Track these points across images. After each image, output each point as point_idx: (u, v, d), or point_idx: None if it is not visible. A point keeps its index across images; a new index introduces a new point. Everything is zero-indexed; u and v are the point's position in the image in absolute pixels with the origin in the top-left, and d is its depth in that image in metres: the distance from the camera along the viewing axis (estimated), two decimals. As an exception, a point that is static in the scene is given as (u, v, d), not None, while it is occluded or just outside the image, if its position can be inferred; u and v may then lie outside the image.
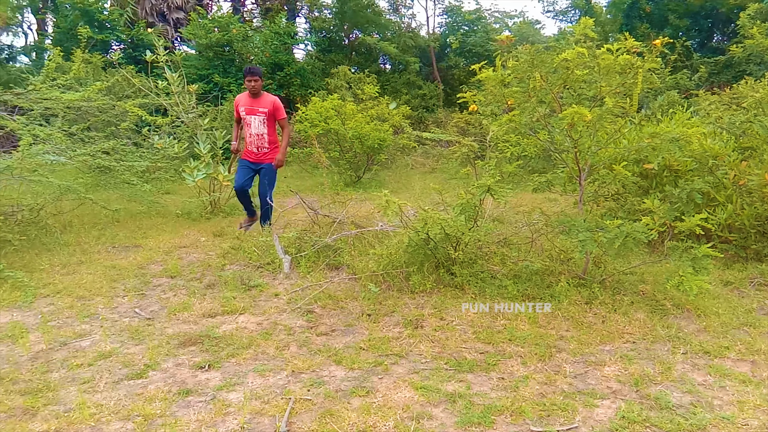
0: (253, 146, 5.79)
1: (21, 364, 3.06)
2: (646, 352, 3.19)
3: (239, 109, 5.77)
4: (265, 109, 5.70)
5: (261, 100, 5.76)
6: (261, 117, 5.71)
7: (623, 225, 3.64)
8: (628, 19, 16.11)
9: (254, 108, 5.70)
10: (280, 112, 5.80)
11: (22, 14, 18.42)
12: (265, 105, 5.73)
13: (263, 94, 5.82)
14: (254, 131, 5.72)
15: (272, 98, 5.81)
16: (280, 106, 5.81)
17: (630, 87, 3.99)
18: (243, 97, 5.83)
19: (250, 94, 5.74)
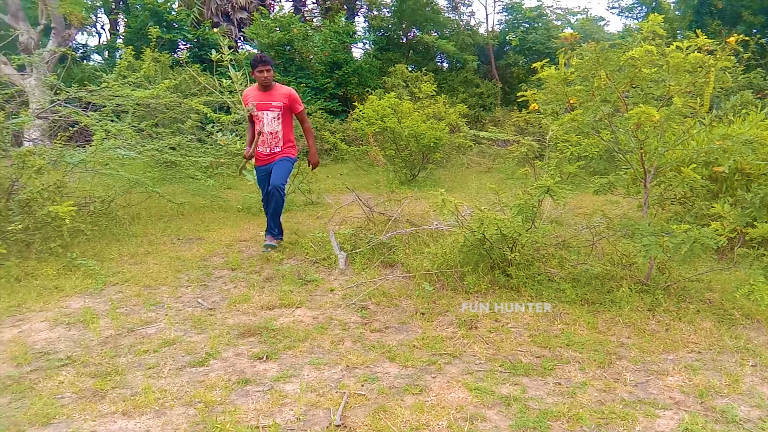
0: (265, 146, 5.10)
1: (91, 348, 3.23)
2: (712, 363, 3.06)
3: (250, 104, 5.10)
4: (280, 102, 5.01)
5: (274, 93, 5.04)
6: (275, 112, 5.02)
7: (691, 230, 3.50)
8: (698, 15, 15.42)
9: (267, 102, 5.02)
10: (297, 105, 5.08)
11: (96, 15, 19.35)
12: (279, 98, 5.02)
13: (275, 86, 5.10)
14: (267, 129, 5.02)
15: (287, 89, 5.12)
16: (297, 98, 5.11)
17: (701, 86, 3.83)
18: (252, 91, 5.15)
19: (261, 87, 5.05)
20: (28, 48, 11.41)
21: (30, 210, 4.94)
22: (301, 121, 5.23)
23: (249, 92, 5.17)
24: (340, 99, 15.11)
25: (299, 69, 14.67)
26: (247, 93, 5.18)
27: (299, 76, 14.49)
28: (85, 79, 11.47)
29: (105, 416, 2.50)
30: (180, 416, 2.50)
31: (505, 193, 4.81)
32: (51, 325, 3.55)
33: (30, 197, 4.88)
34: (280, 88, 5.11)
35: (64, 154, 5.70)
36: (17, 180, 5.14)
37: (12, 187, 5.17)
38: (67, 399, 2.65)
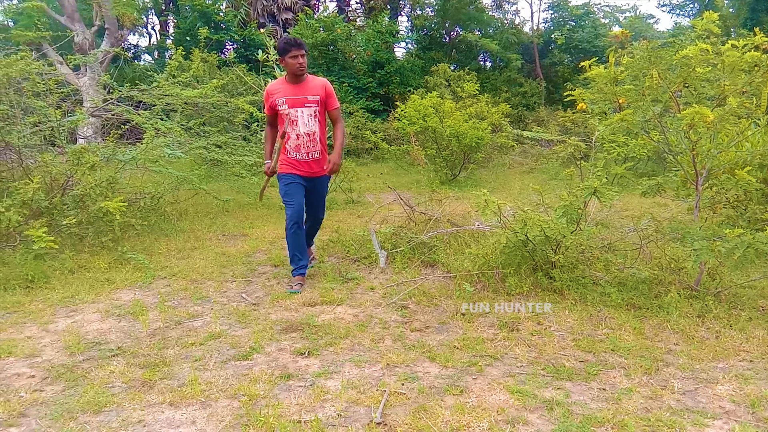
0: (301, 152, 4.20)
1: (141, 339, 3.33)
2: (764, 373, 2.95)
3: (276, 102, 4.15)
4: (316, 96, 4.15)
5: (308, 85, 4.17)
6: (312, 108, 4.14)
7: (744, 234, 3.38)
8: (754, 12, 14.86)
9: (301, 96, 4.13)
10: (333, 100, 4.26)
11: (147, 16, 19.93)
12: (315, 91, 4.16)
13: (308, 77, 4.21)
14: (303, 130, 4.13)
15: (321, 80, 4.27)
16: (332, 91, 4.30)
17: (758, 86, 3.69)
18: (279, 86, 4.22)
19: (291, 79, 4.15)
20: (82, 48, 11.85)
21: (84, 205, 5.14)
22: (334, 120, 4.33)
23: (275, 87, 4.21)
24: (381, 98, 15.17)
25: (342, 69, 14.78)
26: (273, 89, 4.20)
27: (342, 75, 14.60)
28: (136, 78, 11.84)
29: (153, 406, 2.58)
30: (225, 408, 2.56)
31: (548, 194, 4.74)
32: (102, 317, 3.68)
33: (84, 193, 5.07)
34: (315, 79, 4.25)
35: (116, 152, 5.91)
36: (72, 176, 5.36)
37: (67, 183, 5.39)
38: (117, 388, 2.74)
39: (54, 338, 3.33)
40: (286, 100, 4.11)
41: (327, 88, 4.22)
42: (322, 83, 4.22)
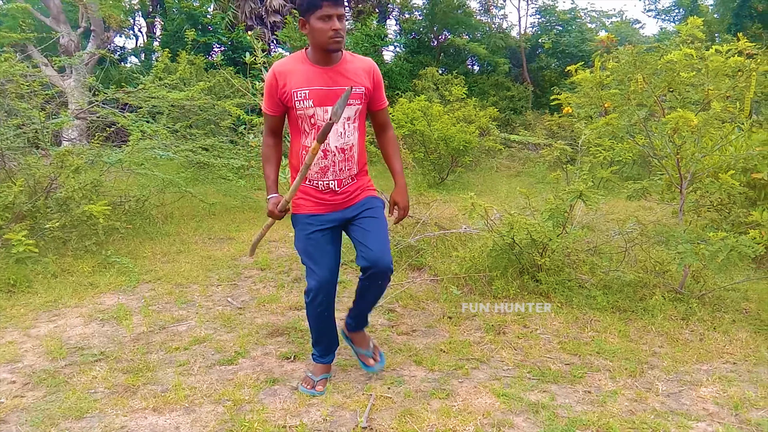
0: (329, 177, 2.58)
1: (124, 344, 3.30)
2: (747, 375, 2.98)
3: (292, 95, 2.46)
4: (360, 88, 2.52)
5: (346, 68, 2.52)
6: (353, 108, 2.52)
7: (727, 238, 3.41)
8: (738, 18, 15.05)
9: (336, 88, 2.46)
10: (382, 93, 2.66)
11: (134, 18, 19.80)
12: (358, 78, 2.52)
13: (345, 54, 2.55)
14: (335, 143, 2.51)
15: (366, 62, 2.61)
16: (381, 80, 2.65)
17: (741, 91, 3.73)
18: (296, 66, 2.49)
19: (318, 56, 2.47)
20: (68, 50, 11.73)
21: (67, 208, 5.08)
22: (382, 126, 2.76)
23: (287, 67, 2.48)
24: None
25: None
26: (284, 69, 2.48)
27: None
28: (123, 80, 11.73)
29: (136, 411, 2.55)
30: (209, 414, 2.54)
31: (535, 198, 4.76)
32: (85, 321, 3.64)
33: (67, 196, 5.01)
34: (353, 57, 2.58)
35: (101, 154, 5.85)
36: (56, 178, 5.29)
37: (51, 186, 5.33)
38: (100, 394, 2.71)
39: (36, 343, 3.28)
40: (310, 92, 2.41)
41: (375, 75, 2.57)
42: (368, 66, 2.56)
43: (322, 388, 2.75)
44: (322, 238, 2.62)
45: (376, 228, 2.62)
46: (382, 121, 2.76)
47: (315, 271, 2.60)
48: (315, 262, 2.61)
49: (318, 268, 2.60)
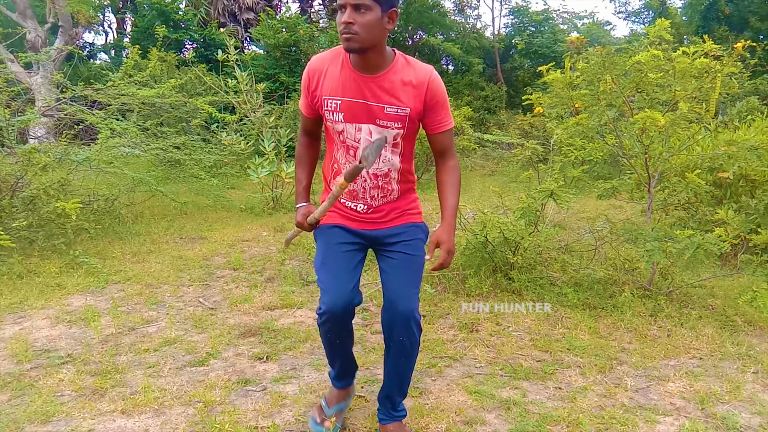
0: (358, 199, 2.20)
1: (92, 346, 3.23)
2: (713, 370, 3.05)
3: (323, 102, 2.05)
4: (405, 108, 1.99)
5: (392, 78, 1.98)
6: (393, 130, 2.03)
7: (694, 235, 3.49)
8: (705, 21, 15.40)
9: (374, 104, 1.99)
10: (441, 113, 2.06)
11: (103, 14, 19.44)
12: (403, 94, 1.98)
13: (397, 58, 2.00)
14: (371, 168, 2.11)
15: (423, 71, 2.00)
16: (443, 97, 2.04)
17: (707, 92, 3.82)
18: (334, 66, 2.03)
19: (356, 57, 1.97)
20: (35, 46, 11.45)
21: (34, 207, 4.96)
22: (438, 152, 2.18)
23: (323, 65, 2.06)
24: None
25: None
26: (319, 66, 2.06)
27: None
28: (92, 77, 11.52)
29: (104, 414, 2.50)
30: (179, 416, 2.50)
31: (508, 197, 4.80)
32: (52, 323, 3.55)
33: (34, 194, 4.90)
34: (406, 64, 2.01)
35: (69, 152, 5.73)
36: (22, 177, 5.16)
37: (17, 184, 5.19)
38: (67, 397, 2.65)
39: (0, 346, 3.20)
40: (342, 104, 1.99)
41: (429, 92, 1.98)
42: (421, 79, 1.97)
43: (330, 426, 2.29)
44: (343, 254, 2.15)
45: (407, 266, 2.17)
46: (440, 148, 2.13)
47: (326, 291, 2.11)
48: (328, 280, 2.13)
49: (330, 289, 2.10)
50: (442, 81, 2.01)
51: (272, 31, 14.28)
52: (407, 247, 2.20)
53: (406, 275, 2.17)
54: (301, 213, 2.20)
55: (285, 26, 14.50)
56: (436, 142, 2.13)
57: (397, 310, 2.13)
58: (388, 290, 2.17)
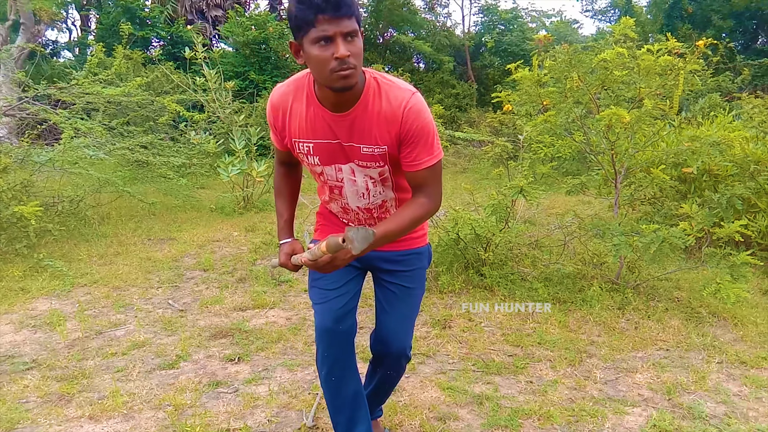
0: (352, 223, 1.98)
1: (58, 351, 3.15)
2: (679, 360, 3.12)
3: (294, 145, 1.79)
4: (382, 146, 1.69)
5: (366, 116, 1.66)
6: (374, 169, 1.77)
7: (659, 230, 3.56)
8: (669, 19, 15.75)
9: (349, 145, 1.71)
10: (421, 148, 1.68)
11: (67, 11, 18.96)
12: (372, 131, 1.67)
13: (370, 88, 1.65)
14: (355, 203, 1.89)
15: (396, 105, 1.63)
16: (425, 127, 1.66)
17: (670, 89, 3.90)
18: (299, 104, 1.72)
19: (326, 94, 1.64)
20: (-5, 44, 11.14)
21: (-6, 210, 4.82)
22: (415, 188, 1.79)
23: (287, 101, 1.74)
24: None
25: (275, 68, 14.56)
26: (282, 103, 1.75)
27: (275, 75, 14.38)
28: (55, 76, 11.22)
29: (71, 420, 2.45)
30: (149, 420, 2.46)
31: (479, 194, 4.84)
32: (16, 328, 3.46)
33: (-6, 197, 4.76)
34: (383, 95, 1.66)
35: (32, 153, 5.58)
36: (-19, 179, 5.01)
37: (-24, 186, 5.03)
38: (32, 403, 2.58)
39: (-40, 353, 3.10)
40: (315, 147, 1.75)
41: (405, 126, 1.66)
42: (396, 113, 1.65)
43: None
44: (335, 272, 1.80)
45: (403, 300, 2.02)
46: (414, 185, 1.76)
47: (317, 312, 1.95)
48: (319, 295, 1.95)
49: (321, 309, 1.93)
50: (410, 78, 1.72)
51: (241, 28, 14.13)
52: (406, 278, 2.01)
53: (403, 310, 2.03)
54: (285, 252, 1.85)
55: (254, 23, 14.35)
56: (410, 178, 1.76)
57: (390, 349, 2.04)
58: (382, 326, 2.04)
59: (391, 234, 1.69)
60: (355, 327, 2.00)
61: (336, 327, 1.91)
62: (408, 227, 1.74)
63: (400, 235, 1.74)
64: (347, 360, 1.99)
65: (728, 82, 11.61)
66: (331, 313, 1.91)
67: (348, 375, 2.00)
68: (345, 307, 1.93)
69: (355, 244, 1.51)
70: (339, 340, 1.94)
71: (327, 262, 1.63)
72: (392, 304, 2.01)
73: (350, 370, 2.00)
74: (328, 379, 1.99)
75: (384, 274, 2.01)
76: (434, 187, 1.76)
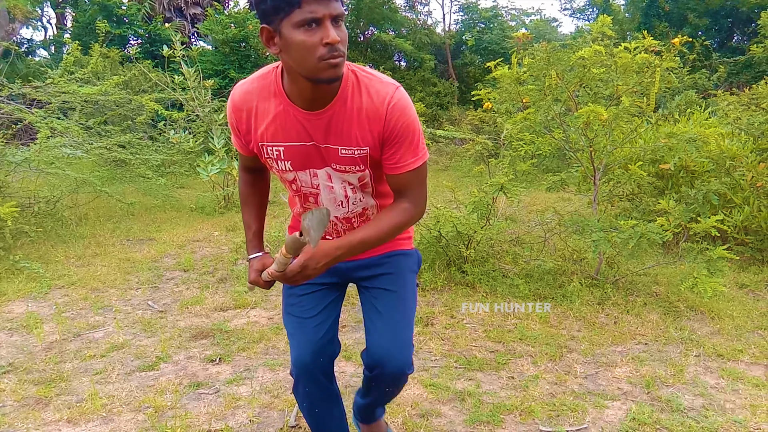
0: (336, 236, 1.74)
1: (35, 354, 3.10)
2: (658, 354, 3.16)
3: (261, 149, 1.57)
4: (363, 148, 1.51)
5: (342, 112, 1.47)
6: (353, 174, 1.58)
7: (638, 225, 3.61)
8: (647, 17, 15.95)
9: (326, 146, 1.52)
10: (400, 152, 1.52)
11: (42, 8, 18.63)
12: (352, 132, 1.49)
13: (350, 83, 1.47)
14: (335, 212, 1.68)
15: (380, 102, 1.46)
16: (410, 125, 1.50)
17: (647, 86, 3.95)
18: (266, 103, 1.50)
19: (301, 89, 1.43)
20: (-33, 42, 10.89)
21: (-32, 211, 4.71)
22: (396, 191, 1.62)
23: (251, 100, 1.52)
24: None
25: (255, 66, 14.48)
26: (245, 103, 1.53)
27: (255, 73, 14.32)
28: (30, 74, 11.02)
29: (49, 424, 2.41)
30: (128, 422, 2.43)
31: (461, 191, 4.86)
32: (-9, 331, 3.40)
33: (-32, 198, 4.67)
34: (362, 89, 1.47)
35: (7, 153, 5.47)
36: (-46, 180, 4.91)
37: (-51, 188, 4.94)
38: (9, 407, 2.54)
39: (-67, 358, 3.04)
40: (286, 151, 1.55)
41: (389, 126, 1.48)
42: (380, 111, 1.47)
43: None
44: (312, 295, 1.76)
45: (393, 306, 1.75)
46: (398, 189, 1.59)
47: (292, 338, 1.77)
48: (294, 326, 1.77)
49: (296, 334, 1.76)
50: (391, 77, 1.57)
51: (220, 26, 14.02)
52: (392, 281, 1.77)
53: (394, 318, 1.74)
54: (255, 269, 1.64)
55: (233, 21, 14.26)
56: (393, 181, 1.59)
57: (385, 369, 1.73)
58: (374, 342, 1.75)
59: (369, 241, 1.54)
60: (337, 351, 1.82)
61: (316, 360, 1.73)
62: (389, 234, 1.58)
63: (379, 243, 1.59)
64: (329, 389, 1.85)
65: (704, 79, 11.80)
66: (309, 345, 1.73)
67: (332, 403, 1.88)
68: (324, 337, 1.75)
69: (312, 234, 1.35)
70: (320, 373, 1.77)
71: (296, 272, 1.47)
72: (381, 312, 1.75)
73: (333, 397, 1.88)
74: (312, 412, 1.86)
75: (366, 281, 1.80)
76: (418, 191, 1.59)
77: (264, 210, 1.83)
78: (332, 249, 1.50)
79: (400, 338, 1.74)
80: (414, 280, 1.84)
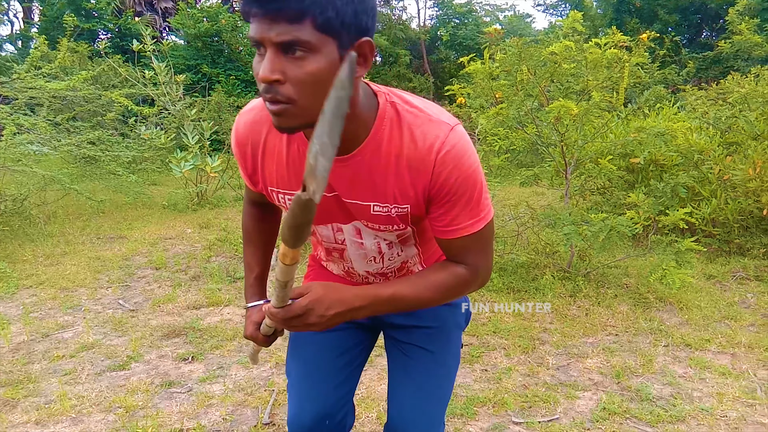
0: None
1: (2, 355, 3.03)
2: (628, 345, 3.22)
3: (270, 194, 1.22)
4: (404, 206, 1.11)
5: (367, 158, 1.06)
6: (389, 233, 1.20)
7: (608, 219, 3.66)
8: (618, 13, 16.16)
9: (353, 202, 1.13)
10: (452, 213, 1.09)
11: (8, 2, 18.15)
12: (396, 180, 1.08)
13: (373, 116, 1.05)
14: (362, 267, 1.32)
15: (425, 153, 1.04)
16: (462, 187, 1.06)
17: (617, 81, 4.00)
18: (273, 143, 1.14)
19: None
20: (-72, 36, 10.58)
21: (-69, 210, 4.59)
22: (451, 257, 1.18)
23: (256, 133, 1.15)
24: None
25: (228, 61, 14.31)
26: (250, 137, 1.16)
27: (228, 68, 14.14)
28: (-5, 69, 10.74)
29: (17, 426, 2.36)
30: (98, 423, 2.39)
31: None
32: (-45, 333, 3.31)
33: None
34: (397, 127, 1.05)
35: (-30, 150, 5.33)
36: None
37: None
38: (-27, 411, 2.48)
39: None
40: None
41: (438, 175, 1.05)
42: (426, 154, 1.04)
43: None
44: (332, 336, 1.40)
45: (428, 370, 1.39)
46: (452, 255, 1.18)
47: (292, 397, 1.41)
48: (299, 380, 1.41)
49: (298, 395, 1.39)
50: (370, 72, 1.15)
51: (192, 20, 13.82)
52: (432, 338, 1.40)
53: (425, 390, 1.38)
54: (253, 320, 1.32)
55: (206, 15, 14.07)
56: (445, 246, 1.18)
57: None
58: (395, 414, 1.39)
59: (404, 300, 1.14)
60: (349, 424, 1.44)
61: (319, 427, 1.35)
62: (431, 299, 1.17)
63: (417, 307, 1.18)
64: None
65: (674, 74, 12.02)
66: (314, 404, 1.35)
67: None
68: (335, 397, 1.36)
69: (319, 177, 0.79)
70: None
71: (296, 314, 1.07)
72: (412, 376, 1.39)
73: None
74: None
75: (399, 332, 1.42)
76: (479, 258, 1.17)
77: (270, 250, 1.44)
78: (351, 297, 1.10)
79: (429, 415, 1.37)
80: (459, 340, 1.47)
